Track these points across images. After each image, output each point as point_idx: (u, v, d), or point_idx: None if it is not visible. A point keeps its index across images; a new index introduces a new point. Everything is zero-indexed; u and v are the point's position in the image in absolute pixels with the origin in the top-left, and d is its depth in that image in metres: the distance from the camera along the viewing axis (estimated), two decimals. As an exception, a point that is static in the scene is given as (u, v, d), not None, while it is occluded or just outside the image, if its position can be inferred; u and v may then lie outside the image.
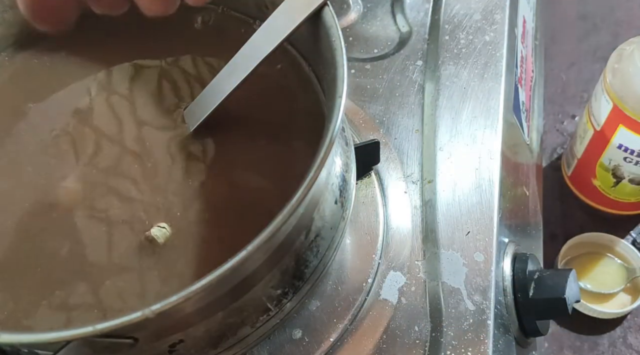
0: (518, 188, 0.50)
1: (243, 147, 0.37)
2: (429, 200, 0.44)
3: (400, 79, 0.51)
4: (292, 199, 0.27)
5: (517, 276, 0.42)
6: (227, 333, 0.32)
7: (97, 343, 0.26)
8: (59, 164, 0.37)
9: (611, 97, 0.53)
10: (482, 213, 0.43)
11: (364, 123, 0.48)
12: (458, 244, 0.42)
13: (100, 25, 0.43)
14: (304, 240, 0.32)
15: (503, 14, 0.54)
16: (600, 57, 0.77)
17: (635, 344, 0.59)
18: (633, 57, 0.51)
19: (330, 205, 0.34)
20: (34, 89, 0.41)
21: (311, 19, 0.34)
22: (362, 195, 0.44)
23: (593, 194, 0.63)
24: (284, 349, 0.39)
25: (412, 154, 0.46)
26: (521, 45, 0.57)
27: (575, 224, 0.65)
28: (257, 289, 0.31)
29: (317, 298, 0.40)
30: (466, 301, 0.40)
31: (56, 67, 0.42)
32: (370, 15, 0.56)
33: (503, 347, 0.40)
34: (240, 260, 0.26)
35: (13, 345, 0.28)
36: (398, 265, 0.42)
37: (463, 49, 0.52)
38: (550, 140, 0.72)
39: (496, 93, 0.49)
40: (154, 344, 0.30)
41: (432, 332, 0.39)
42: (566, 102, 0.74)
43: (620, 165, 0.57)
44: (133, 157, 0.37)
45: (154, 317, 0.25)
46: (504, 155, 0.46)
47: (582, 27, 0.81)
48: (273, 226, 0.27)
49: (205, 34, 0.42)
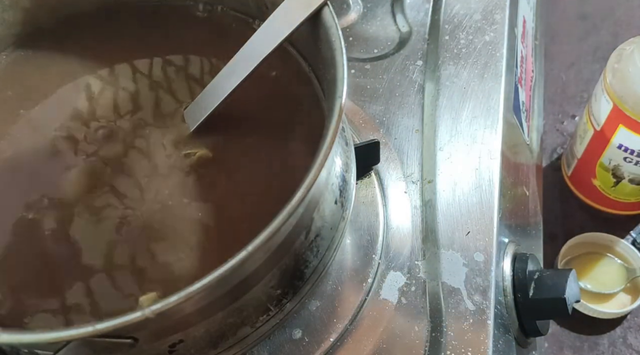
0: (518, 188, 0.50)
1: (243, 147, 0.37)
2: (429, 200, 0.44)
3: (400, 79, 0.51)
4: (292, 199, 0.27)
5: (517, 276, 0.42)
6: (227, 333, 0.32)
7: (97, 343, 0.26)
8: (59, 163, 0.37)
9: (611, 97, 0.53)
10: (482, 213, 0.43)
11: (364, 123, 0.48)
12: (458, 244, 0.42)
13: (100, 25, 0.43)
14: (303, 240, 0.32)
15: (503, 14, 0.54)
16: (600, 57, 0.77)
17: (635, 344, 0.59)
18: (633, 57, 0.51)
19: (330, 205, 0.34)
20: (33, 89, 0.41)
21: (311, 19, 0.34)
22: (362, 195, 0.44)
23: (593, 194, 0.63)
24: (284, 349, 0.39)
25: (412, 154, 0.46)
26: (521, 45, 0.57)
27: (575, 224, 0.65)
28: (257, 289, 0.31)
29: (317, 298, 0.40)
30: (466, 301, 0.40)
31: (56, 67, 0.42)
32: (370, 15, 0.56)
33: (503, 347, 0.40)
34: (241, 260, 0.26)
35: (13, 345, 0.28)
36: (398, 265, 0.42)
37: (463, 49, 0.52)
38: (550, 140, 0.72)
39: (496, 93, 0.49)
40: (154, 344, 0.30)
41: (432, 332, 0.39)
42: (566, 102, 0.74)
43: (620, 165, 0.57)
44: (132, 156, 0.37)
45: (153, 317, 0.25)
46: (504, 155, 0.46)
47: (582, 27, 0.81)
48: (273, 226, 0.27)
49: (206, 33, 0.42)
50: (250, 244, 0.26)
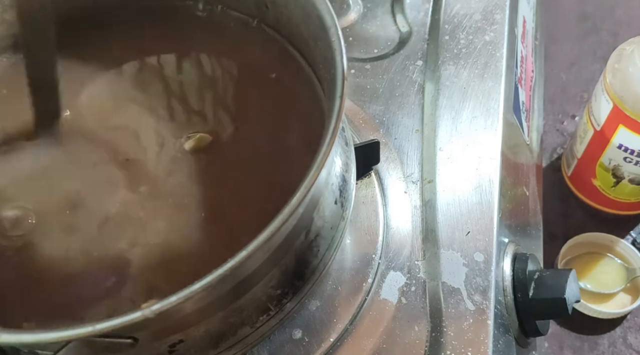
0: (518, 188, 0.50)
1: (243, 146, 0.37)
2: (428, 200, 0.44)
3: (400, 79, 0.51)
4: (292, 199, 0.27)
5: (517, 276, 0.42)
6: (227, 333, 0.32)
7: (97, 343, 0.26)
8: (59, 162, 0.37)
9: (611, 97, 0.53)
10: (482, 213, 0.43)
11: (364, 123, 0.48)
12: (458, 244, 0.42)
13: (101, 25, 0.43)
14: (303, 240, 0.32)
15: (503, 14, 0.54)
16: (600, 57, 0.77)
17: (635, 344, 0.59)
18: (633, 57, 0.51)
19: (330, 205, 0.34)
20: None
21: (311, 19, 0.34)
22: (362, 195, 0.44)
23: (593, 194, 0.63)
24: (284, 349, 0.39)
25: (412, 154, 0.46)
26: (521, 45, 0.57)
27: (575, 224, 0.65)
28: (257, 289, 0.31)
29: (317, 298, 0.40)
30: (466, 301, 0.40)
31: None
32: (370, 15, 0.56)
33: (503, 347, 0.40)
34: (241, 260, 0.26)
35: (13, 345, 0.28)
36: (398, 265, 0.42)
37: (463, 49, 0.52)
38: (550, 140, 0.72)
39: (496, 93, 0.49)
40: (154, 344, 0.30)
41: (432, 332, 0.39)
42: (566, 102, 0.74)
43: (620, 165, 0.57)
44: (134, 155, 0.37)
45: (153, 317, 0.25)
46: (504, 155, 0.46)
47: (582, 27, 0.81)
48: (273, 226, 0.27)
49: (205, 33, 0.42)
50: (251, 244, 0.26)
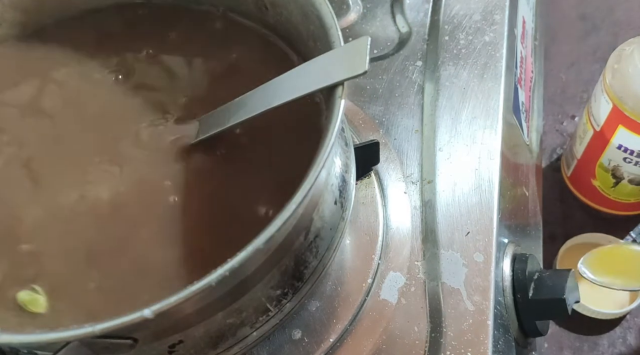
0: (518, 188, 0.50)
1: (242, 147, 0.37)
2: (428, 200, 0.44)
3: (399, 80, 0.51)
4: (292, 199, 0.27)
5: (517, 276, 0.42)
6: (227, 333, 0.32)
7: (96, 343, 0.26)
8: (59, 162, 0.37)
9: (611, 98, 0.53)
10: (482, 213, 0.43)
11: (364, 123, 0.48)
12: (458, 244, 0.42)
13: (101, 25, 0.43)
14: (303, 240, 0.32)
15: (503, 14, 0.54)
16: (600, 57, 0.77)
17: (635, 344, 0.59)
18: (633, 57, 0.51)
19: (330, 205, 0.34)
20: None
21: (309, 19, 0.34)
22: (362, 195, 0.44)
23: (593, 195, 0.63)
24: (283, 350, 0.39)
25: (412, 154, 0.46)
26: (521, 46, 0.57)
27: (575, 224, 0.65)
28: (257, 290, 0.31)
29: (316, 298, 0.40)
30: (466, 301, 0.40)
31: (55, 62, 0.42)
32: (369, 15, 0.56)
33: (503, 347, 0.40)
34: (240, 260, 0.26)
35: (13, 345, 0.28)
36: (398, 265, 0.42)
37: (463, 50, 0.52)
38: (550, 140, 0.72)
39: (496, 93, 0.49)
40: (154, 344, 0.30)
41: (432, 332, 0.39)
42: (566, 102, 0.74)
43: (619, 166, 0.57)
44: (133, 156, 0.37)
45: (153, 318, 0.25)
46: (504, 156, 0.46)
47: (582, 27, 0.81)
48: (273, 227, 0.27)
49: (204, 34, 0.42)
50: (250, 245, 0.26)
